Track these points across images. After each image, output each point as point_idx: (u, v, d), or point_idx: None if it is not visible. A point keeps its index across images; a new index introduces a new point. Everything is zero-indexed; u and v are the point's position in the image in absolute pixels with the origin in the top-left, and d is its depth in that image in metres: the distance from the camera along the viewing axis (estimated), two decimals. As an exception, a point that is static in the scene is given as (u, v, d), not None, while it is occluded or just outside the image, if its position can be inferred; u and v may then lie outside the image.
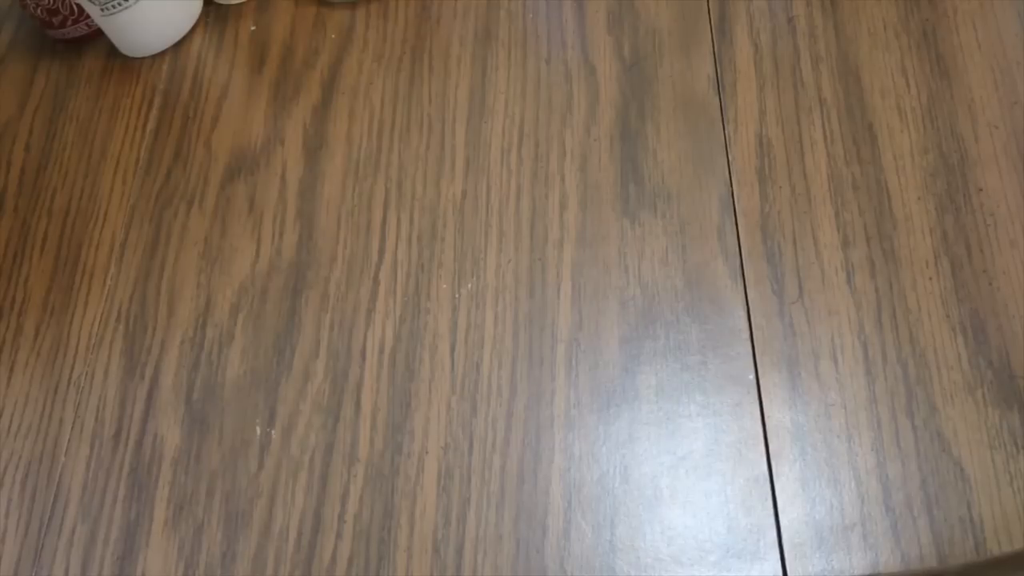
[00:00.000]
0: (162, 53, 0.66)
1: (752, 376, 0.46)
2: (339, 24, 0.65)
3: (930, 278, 0.47)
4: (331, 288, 0.54)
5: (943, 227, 0.48)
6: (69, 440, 0.53)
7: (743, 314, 0.48)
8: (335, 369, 0.51)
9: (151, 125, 0.63)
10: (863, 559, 0.41)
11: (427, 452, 0.48)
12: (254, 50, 0.65)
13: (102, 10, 0.63)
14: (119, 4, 0.62)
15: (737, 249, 0.50)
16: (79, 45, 0.69)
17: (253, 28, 0.66)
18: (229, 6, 0.68)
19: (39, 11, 0.66)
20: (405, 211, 0.56)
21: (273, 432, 0.50)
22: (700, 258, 0.50)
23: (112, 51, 0.67)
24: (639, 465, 0.45)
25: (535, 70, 0.59)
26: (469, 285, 0.52)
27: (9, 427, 0.54)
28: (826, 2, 0.57)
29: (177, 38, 0.67)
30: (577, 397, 0.48)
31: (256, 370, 0.52)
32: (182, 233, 0.58)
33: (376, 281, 0.54)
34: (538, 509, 0.45)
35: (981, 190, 0.49)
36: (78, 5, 0.65)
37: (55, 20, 0.66)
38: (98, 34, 0.68)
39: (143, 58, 0.67)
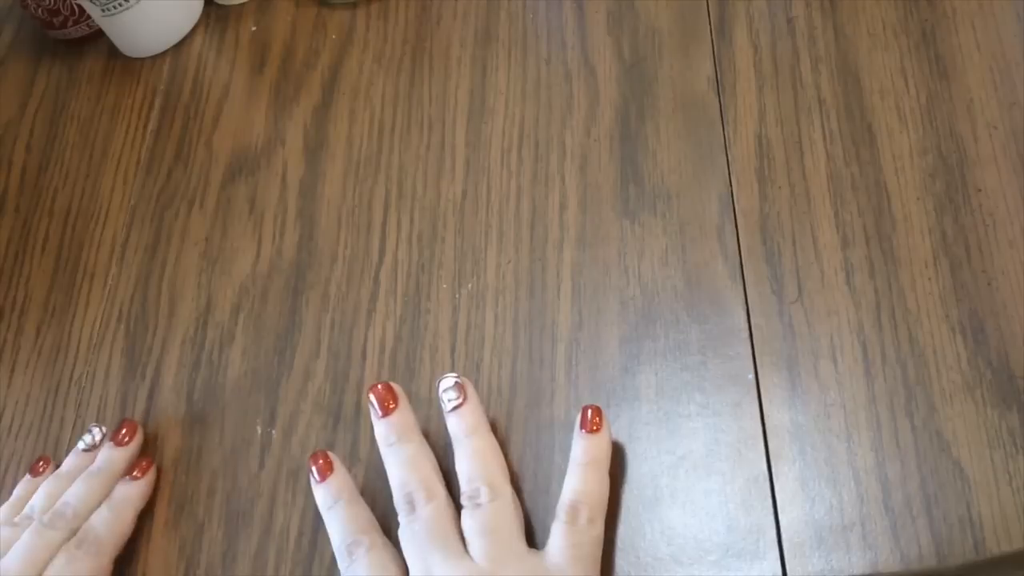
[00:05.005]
0: (163, 53, 0.67)
1: (752, 376, 0.47)
2: (339, 25, 0.65)
3: (929, 278, 0.47)
4: (331, 288, 0.54)
5: (942, 227, 0.48)
6: (70, 440, 0.53)
7: (743, 314, 0.48)
8: (335, 369, 0.51)
9: (152, 125, 0.63)
10: (862, 558, 0.41)
11: (427, 452, 0.48)
12: (255, 51, 0.65)
13: (103, 10, 0.63)
14: (120, 4, 0.63)
15: (737, 249, 0.50)
16: (80, 45, 0.69)
17: (254, 29, 0.66)
18: (230, 7, 0.68)
19: (40, 11, 0.66)
20: (405, 211, 0.56)
21: (274, 432, 0.50)
22: (700, 258, 0.50)
23: (113, 51, 0.67)
24: (639, 465, 0.45)
25: (535, 70, 0.59)
26: (469, 285, 0.52)
27: (10, 427, 0.54)
28: (826, 3, 0.57)
29: (178, 38, 0.67)
30: (577, 397, 0.48)
31: (257, 370, 0.52)
32: (183, 233, 0.58)
33: (376, 281, 0.54)
34: (538, 509, 0.45)
35: (980, 190, 0.49)
36: (79, 5, 0.66)
37: (56, 20, 0.66)
38: (99, 34, 0.68)
39: (144, 58, 0.67)
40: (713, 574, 0.42)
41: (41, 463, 0.51)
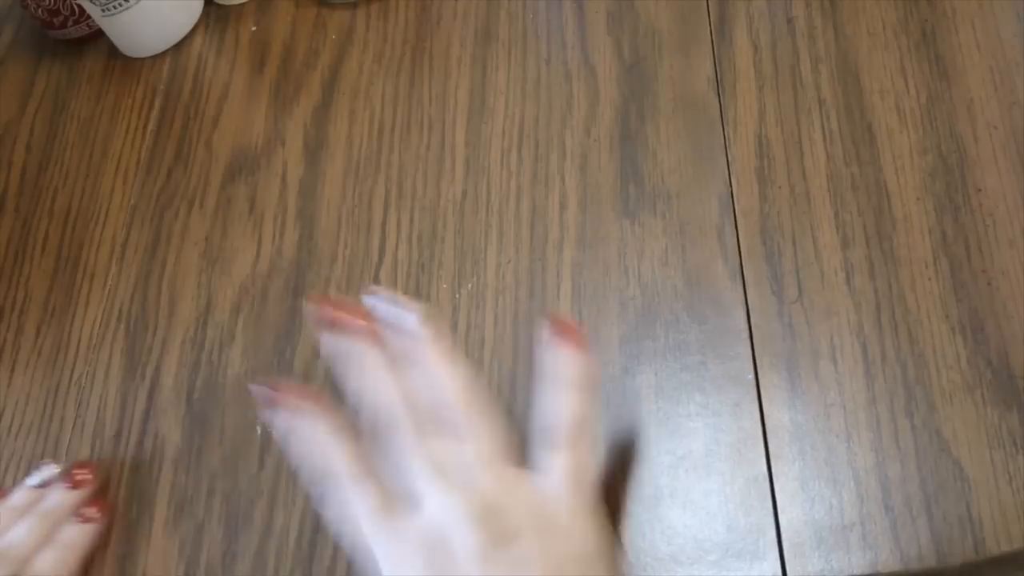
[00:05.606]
0: (163, 53, 0.67)
1: (751, 376, 0.47)
2: (339, 25, 0.65)
3: (929, 278, 0.47)
4: (331, 288, 0.54)
5: (942, 227, 0.48)
6: (70, 440, 0.53)
7: (742, 314, 0.48)
8: (335, 369, 0.51)
9: (152, 125, 0.63)
10: (862, 558, 0.41)
11: (427, 452, 0.48)
12: (255, 51, 0.65)
13: (103, 10, 0.63)
14: (120, 4, 0.63)
15: (737, 249, 0.50)
16: (80, 45, 0.69)
17: (254, 29, 0.66)
18: (230, 7, 0.68)
19: (40, 11, 0.66)
20: (405, 211, 0.56)
21: (274, 432, 0.50)
22: (700, 258, 0.50)
23: (113, 51, 0.67)
24: (639, 465, 0.45)
25: (535, 70, 0.59)
26: (469, 285, 0.52)
27: (10, 426, 0.54)
28: (826, 3, 0.57)
29: (178, 38, 0.67)
30: (577, 397, 0.48)
31: (257, 370, 0.52)
32: (183, 233, 0.58)
33: (376, 281, 0.54)
34: (538, 509, 0.45)
35: (980, 190, 0.49)
36: (79, 5, 0.66)
37: (56, 20, 0.66)
38: (99, 34, 0.68)
39: (144, 58, 0.67)
40: (713, 574, 0.42)
41: None
